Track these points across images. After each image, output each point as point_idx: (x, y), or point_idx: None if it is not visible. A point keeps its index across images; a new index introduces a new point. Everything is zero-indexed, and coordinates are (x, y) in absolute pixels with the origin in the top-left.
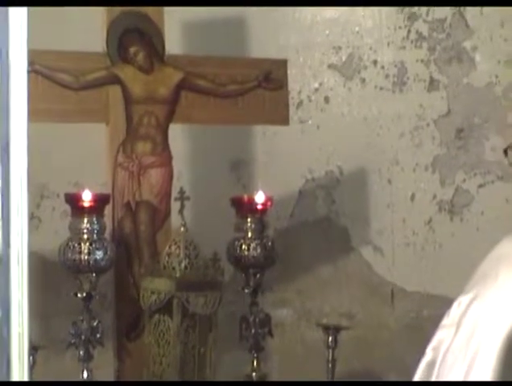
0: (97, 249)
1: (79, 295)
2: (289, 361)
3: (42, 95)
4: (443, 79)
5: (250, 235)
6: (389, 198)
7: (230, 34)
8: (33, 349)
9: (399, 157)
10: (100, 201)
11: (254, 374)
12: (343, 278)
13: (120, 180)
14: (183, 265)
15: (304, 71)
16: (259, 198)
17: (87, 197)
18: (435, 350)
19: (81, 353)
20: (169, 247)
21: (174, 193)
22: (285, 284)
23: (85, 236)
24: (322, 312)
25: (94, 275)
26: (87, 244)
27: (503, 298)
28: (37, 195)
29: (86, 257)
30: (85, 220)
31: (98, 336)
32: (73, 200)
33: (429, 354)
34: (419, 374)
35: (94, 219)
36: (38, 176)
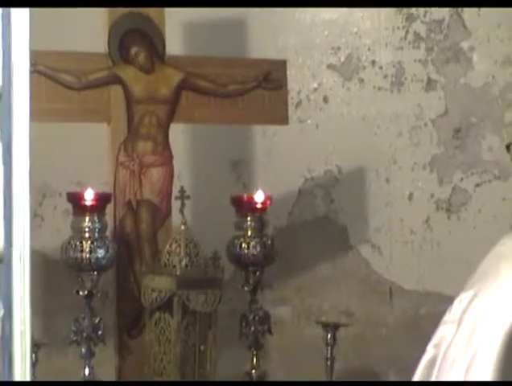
0: (99, 248)
1: (81, 293)
2: (288, 358)
3: (44, 95)
4: (440, 79)
5: (250, 233)
6: (387, 197)
7: (230, 35)
8: (35, 346)
9: (397, 156)
10: (101, 200)
11: (254, 371)
12: (342, 276)
13: (121, 179)
14: (183, 263)
15: (303, 71)
16: (259, 197)
17: (89, 196)
18: (436, 347)
19: (83, 350)
20: (170, 245)
21: (174, 192)
22: (284, 282)
23: (87, 235)
24: (321, 309)
25: (96, 273)
26: (88, 243)
27: (504, 295)
28: (39, 194)
29: (88, 256)
30: (87, 219)
31: (100, 333)
32: (75, 199)
33: (430, 351)
34: (421, 371)
35: (96, 217)
36: (40, 175)
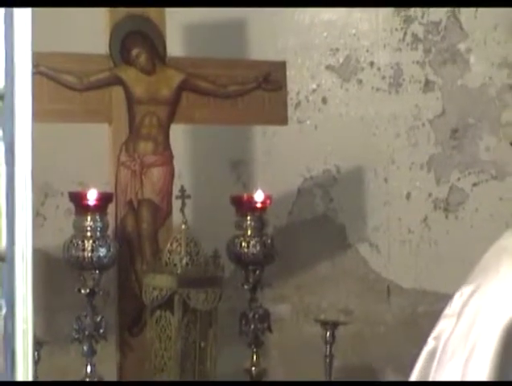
0: (101, 247)
1: (82, 291)
2: (288, 356)
3: (46, 96)
4: (438, 80)
5: (250, 232)
6: (385, 196)
7: (230, 36)
8: (38, 344)
9: (395, 156)
10: (103, 199)
11: (254, 368)
12: (340, 275)
13: (122, 179)
14: (184, 262)
15: (302, 72)
16: (258, 196)
17: (90, 195)
18: (436, 339)
19: (85, 348)
20: (170, 244)
21: (175, 191)
22: (284, 280)
23: (89, 234)
24: (320, 308)
25: (97, 272)
26: (90, 242)
27: (503, 290)
28: (42, 194)
29: (90, 254)
30: (89, 218)
31: (101, 331)
32: (77, 199)
33: (431, 343)
34: (421, 362)
35: (97, 217)
36: (42, 175)
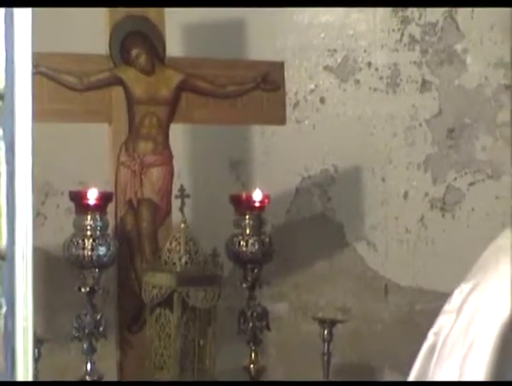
0: (100, 245)
1: (82, 290)
2: (286, 353)
3: (47, 96)
4: (434, 80)
5: (248, 231)
6: (382, 195)
7: (229, 37)
8: (38, 342)
9: (392, 156)
10: (103, 199)
11: (252, 366)
12: (338, 273)
13: (122, 178)
14: (183, 261)
15: (301, 72)
16: (257, 195)
17: (90, 195)
18: (436, 334)
19: (85, 346)
20: (170, 243)
21: (174, 191)
22: (282, 278)
23: (89, 233)
24: (318, 306)
25: (97, 270)
26: (90, 241)
27: (502, 288)
28: (42, 193)
29: (89, 253)
30: (89, 217)
31: (101, 329)
32: (77, 198)
33: (430, 338)
34: (421, 357)
35: (97, 216)
36: (43, 174)
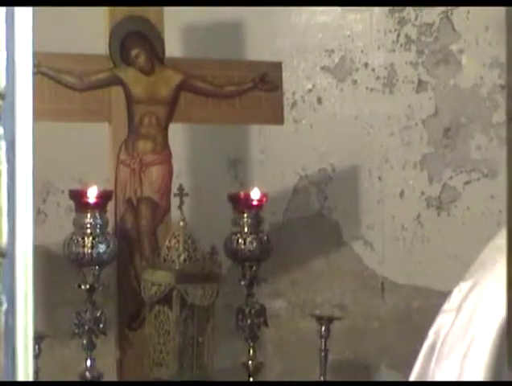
0: (100, 243)
1: (82, 287)
2: (284, 350)
3: (47, 95)
4: (431, 80)
5: (246, 229)
6: (379, 194)
7: (228, 37)
8: (39, 338)
9: (389, 155)
10: (103, 197)
11: (250, 362)
12: (335, 271)
13: (122, 177)
14: (182, 258)
15: (298, 73)
16: (255, 194)
17: (90, 193)
18: (436, 333)
19: (85, 342)
20: (169, 241)
21: (174, 189)
22: (280, 276)
23: (89, 231)
24: (315, 303)
25: (97, 268)
26: (90, 238)
27: (500, 287)
28: (43, 192)
29: (89, 251)
30: (89, 215)
31: (101, 326)
32: (77, 196)
33: (431, 337)
34: (422, 356)
35: (97, 214)
36: (44, 173)
